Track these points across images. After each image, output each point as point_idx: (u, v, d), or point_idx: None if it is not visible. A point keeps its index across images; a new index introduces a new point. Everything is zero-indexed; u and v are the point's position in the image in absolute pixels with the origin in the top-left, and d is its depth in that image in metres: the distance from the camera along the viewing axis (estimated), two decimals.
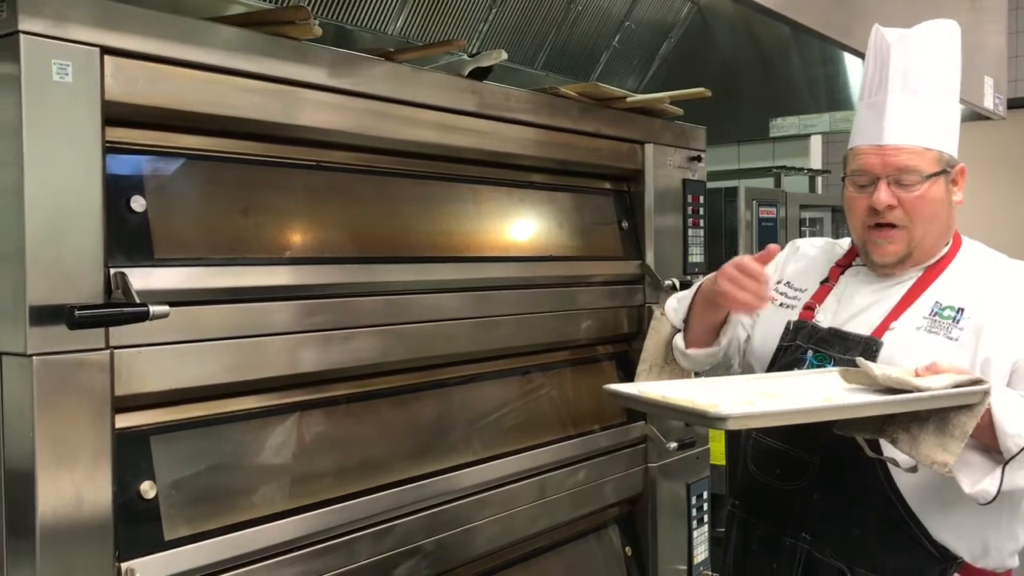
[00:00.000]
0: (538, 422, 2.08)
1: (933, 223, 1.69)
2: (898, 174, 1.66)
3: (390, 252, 1.76)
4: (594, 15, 2.69)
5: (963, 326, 1.62)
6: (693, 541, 2.46)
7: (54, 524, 1.21)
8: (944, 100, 1.71)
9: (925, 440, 1.42)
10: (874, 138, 1.69)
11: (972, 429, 1.41)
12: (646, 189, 2.34)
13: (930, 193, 1.66)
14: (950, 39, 1.73)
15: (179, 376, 1.38)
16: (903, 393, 1.41)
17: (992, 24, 3.49)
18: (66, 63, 1.22)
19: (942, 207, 1.69)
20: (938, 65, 1.71)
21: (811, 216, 3.80)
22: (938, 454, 1.41)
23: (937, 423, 1.42)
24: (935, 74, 1.70)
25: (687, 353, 1.88)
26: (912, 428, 1.44)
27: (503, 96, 1.95)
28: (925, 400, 1.40)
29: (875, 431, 1.49)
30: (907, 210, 1.66)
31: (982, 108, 3.38)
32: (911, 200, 1.66)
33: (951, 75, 1.73)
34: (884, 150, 1.67)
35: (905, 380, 1.41)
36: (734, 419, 1.33)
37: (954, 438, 1.40)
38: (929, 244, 1.71)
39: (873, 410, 1.43)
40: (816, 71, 3.37)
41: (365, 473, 1.67)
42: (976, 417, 1.41)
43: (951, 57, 1.73)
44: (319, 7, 2.00)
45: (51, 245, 1.21)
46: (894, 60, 1.70)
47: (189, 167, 1.47)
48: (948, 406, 1.41)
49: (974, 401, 1.41)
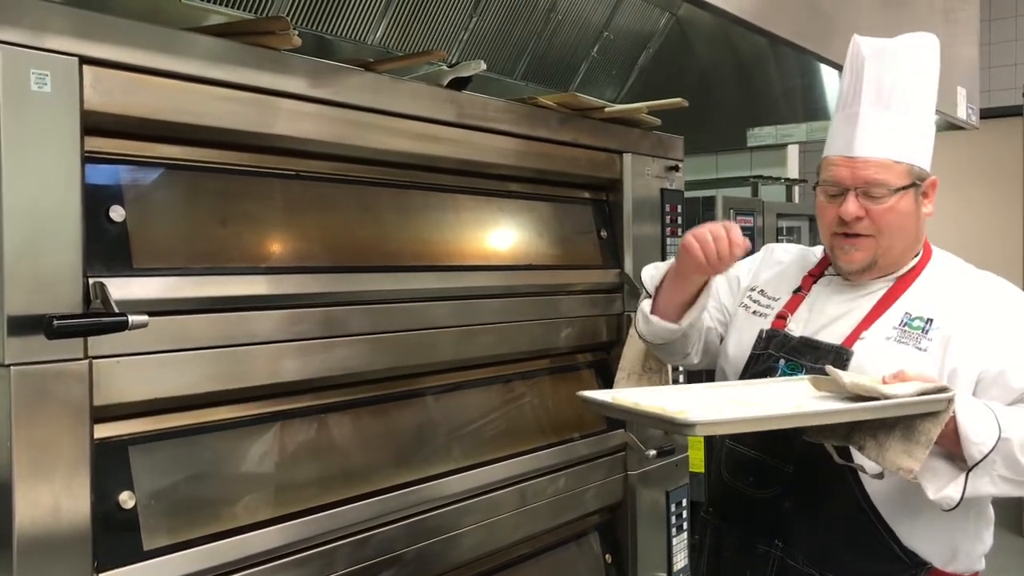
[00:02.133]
0: (519, 430, 2.09)
1: (900, 234, 1.71)
2: (867, 187, 1.68)
3: (370, 261, 1.76)
4: (573, 25, 2.71)
5: (932, 336, 1.65)
6: (673, 548, 2.47)
7: (32, 535, 1.21)
8: (918, 113, 1.72)
9: (891, 447, 1.44)
10: (845, 149, 1.71)
11: (937, 436, 1.43)
12: (624, 198, 2.35)
13: (898, 206, 1.68)
14: (927, 53, 1.75)
15: (158, 386, 1.38)
16: (870, 400, 1.43)
17: (965, 35, 3.54)
18: (44, 73, 1.22)
19: (910, 219, 1.71)
20: (913, 79, 1.72)
21: (788, 225, 3.84)
22: (904, 460, 1.43)
23: (903, 430, 1.44)
24: (910, 88, 1.72)
25: (651, 319, 1.86)
26: (879, 435, 1.46)
27: (482, 106, 1.96)
28: (890, 408, 1.42)
29: (843, 438, 1.51)
30: (874, 221, 1.68)
31: (955, 118, 3.42)
32: (878, 212, 1.68)
33: (926, 89, 1.74)
34: (854, 162, 1.69)
35: (872, 388, 1.44)
36: (702, 425, 1.36)
37: (919, 445, 1.42)
38: (896, 254, 1.73)
39: (838, 417, 1.45)
40: (793, 81, 3.41)
41: (346, 482, 1.67)
42: (940, 424, 1.43)
43: (927, 71, 1.75)
44: (299, 17, 2.01)
45: (29, 255, 1.21)
46: (868, 73, 1.72)
47: (168, 177, 1.47)
48: (913, 413, 1.43)
49: (939, 409, 1.43)
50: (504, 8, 2.47)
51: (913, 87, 1.72)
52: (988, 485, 1.51)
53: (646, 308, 1.90)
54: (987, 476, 1.50)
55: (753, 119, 3.82)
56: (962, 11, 3.47)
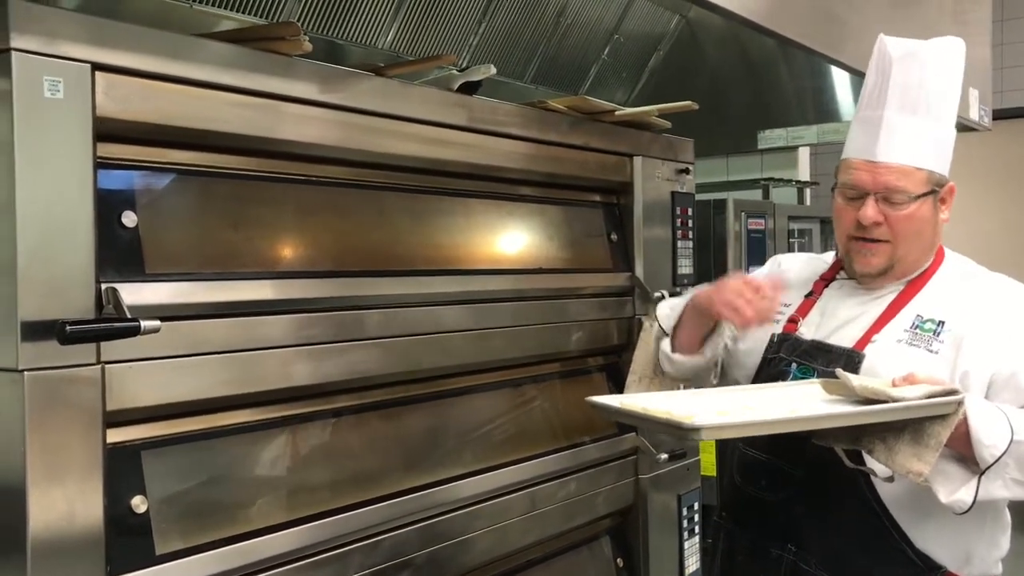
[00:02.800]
0: (530, 434, 2.09)
1: (917, 241, 1.71)
2: (887, 192, 1.67)
3: (381, 265, 1.77)
4: (583, 28, 2.71)
5: (943, 339, 1.64)
6: (684, 552, 2.47)
7: (45, 539, 1.21)
8: (941, 120, 1.71)
9: (901, 450, 1.43)
10: (867, 153, 1.70)
11: (946, 439, 1.42)
12: (635, 201, 2.35)
13: (917, 213, 1.68)
14: (954, 58, 1.73)
15: (170, 391, 1.38)
16: (879, 403, 1.42)
17: (977, 36, 3.53)
18: (57, 80, 1.23)
19: (927, 225, 1.71)
20: (939, 84, 1.71)
21: (799, 228, 3.82)
22: (913, 464, 1.42)
23: (912, 433, 1.43)
24: (935, 93, 1.70)
25: (673, 358, 1.89)
26: (888, 438, 1.45)
27: (492, 110, 1.96)
28: (897, 410, 1.41)
29: (852, 441, 1.50)
30: (892, 227, 1.68)
31: (968, 119, 3.41)
32: (897, 218, 1.67)
33: (951, 95, 1.73)
34: (876, 167, 1.68)
35: (881, 391, 1.43)
36: (707, 429, 1.36)
37: (929, 448, 1.41)
38: (912, 259, 1.73)
39: (844, 420, 1.44)
40: (804, 83, 3.40)
41: (359, 485, 1.68)
42: (950, 427, 1.42)
43: (953, 77, 1.73)
44: (309, 22, 2.01)
45: (42, 260, 1.22)
46: (895, 76, 1.70)
47: (180, 182, 1.48)
48: (922, 416, 1.42)
49: (948, 411, 1.42)
50: (514, 12, 2.47)
51: (939, 92, 1.71)
52: (1001, 488, 1.50)
53: (667, 348, 1.91)
54: (999, 479, 1.48)
55: (764, 121, 3.81)
56: (973, 12, 3.46)
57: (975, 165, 5.48)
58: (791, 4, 2.33)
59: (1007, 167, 5.95)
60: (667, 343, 1.91)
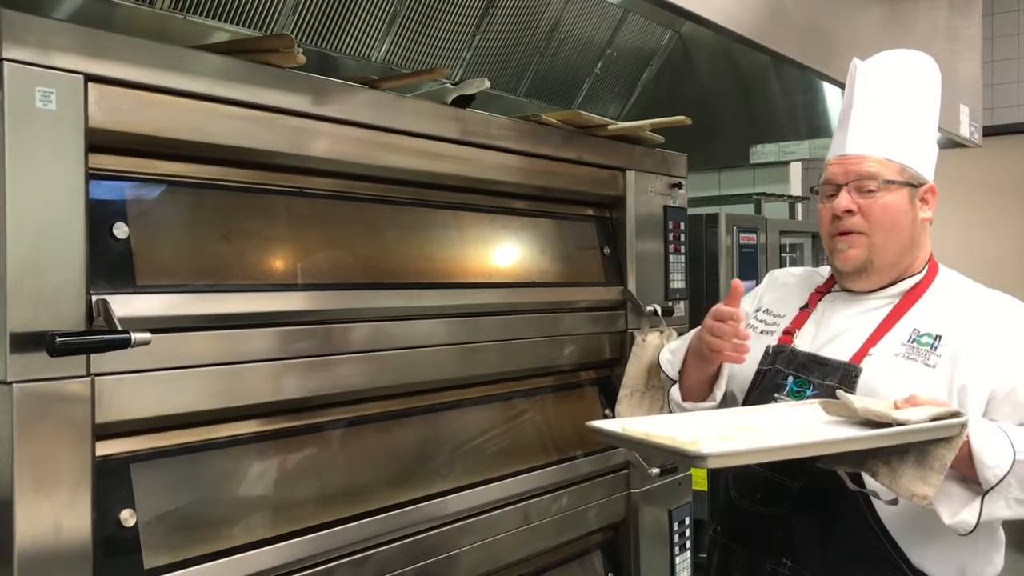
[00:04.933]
0: (521, 448, 2.08)
1: (894, 233, 1.71)
2: (858, 181, 1.70)
3: (373, 279, 1.76)
4: (576, 43, 2.72)
5: (941, 353, 1.64)
6: (676, 567, 2.46)
7: (32, 553, 1.20)
8: (911, 116, 1.75)
9: (905, 473, 1.43)
10: (839, 150, 1.76)
11: (951, 461, 1.42)
12: (627, 215, 2.35)
13: (889, 200, 1.70)
14: (921, 64, 1.80)
15: (161, 403, 1.37)
16: (882, 426, 1.42)
17: (968, 52, 3.55)
18: (50, 90, 1.23)
19: (903, 216, 1.71)
20: (906, 83, 1.76)
21: (791, 242, 3.82)
22: (918, 487, 1.41)
23: (917, 456, 1.42)
24: (902, 91, 1.76)
25: (684, 406, 1.90)
26: (892, 461, 1.44)
27: (486, 124, 1.97)
28: (904, 434, 1.40)
29: (856, 464, 1.49)
30: (866, 216, 1.70)
31: (958, 136, 3.43)
32: (869, 206, 1.70)
33: (921, 95, 1.78)
34: (847, 159, 1.73)
35: (884, 413, 1.42)
36: (714, 457, 1.33)
37: (933, 471, 1.41)
38: (891, 255, 1.73)
39: (852, 445, 1.43)
40: (795, 99, 3.42)
41: (348, 500, 1.67)
42: (954, 449, 1.41)
43: (922, 79, 1.79)
44: (303, 34, 2.01)
45: (33, 272, 1.21)
46: (860, 80, 1.77)
47: (172, 194, 1.47)
48: (927, 439, 1.42)
49: (952, 434, 1.42)
50: (507, 26, 2.48)
51: (906, 91, 1.76)
52: (1003, 508, 1.49)
53: (676, 397, 1.92)
54: (1002, 499, 1.48)
55: (756, 136, 3.82)
56: (964, 29, 3.48)
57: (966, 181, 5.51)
58: (783, 20, 2.34)
59: (998, 183, 5.97)
60: (676, 392, 1.93)
